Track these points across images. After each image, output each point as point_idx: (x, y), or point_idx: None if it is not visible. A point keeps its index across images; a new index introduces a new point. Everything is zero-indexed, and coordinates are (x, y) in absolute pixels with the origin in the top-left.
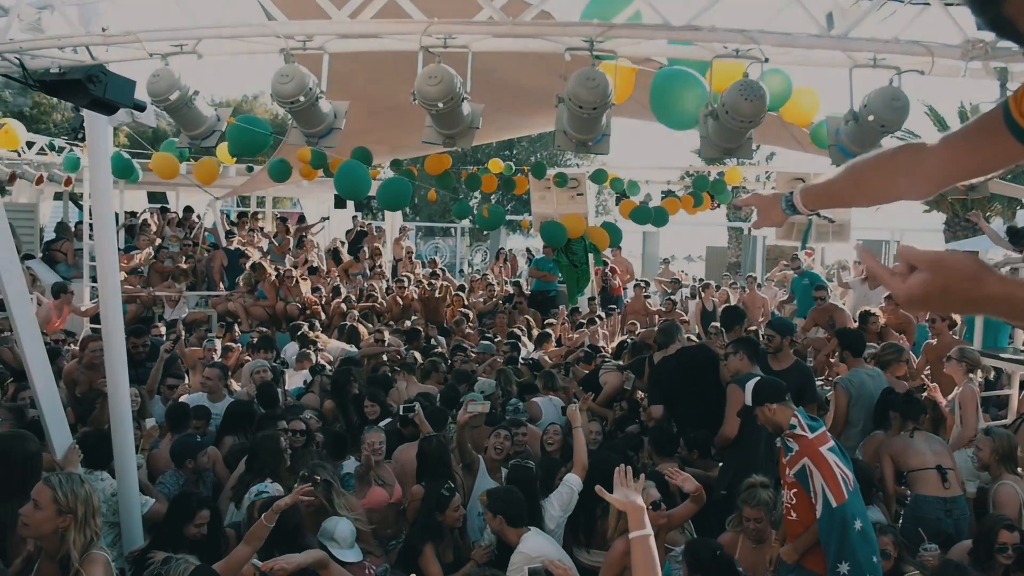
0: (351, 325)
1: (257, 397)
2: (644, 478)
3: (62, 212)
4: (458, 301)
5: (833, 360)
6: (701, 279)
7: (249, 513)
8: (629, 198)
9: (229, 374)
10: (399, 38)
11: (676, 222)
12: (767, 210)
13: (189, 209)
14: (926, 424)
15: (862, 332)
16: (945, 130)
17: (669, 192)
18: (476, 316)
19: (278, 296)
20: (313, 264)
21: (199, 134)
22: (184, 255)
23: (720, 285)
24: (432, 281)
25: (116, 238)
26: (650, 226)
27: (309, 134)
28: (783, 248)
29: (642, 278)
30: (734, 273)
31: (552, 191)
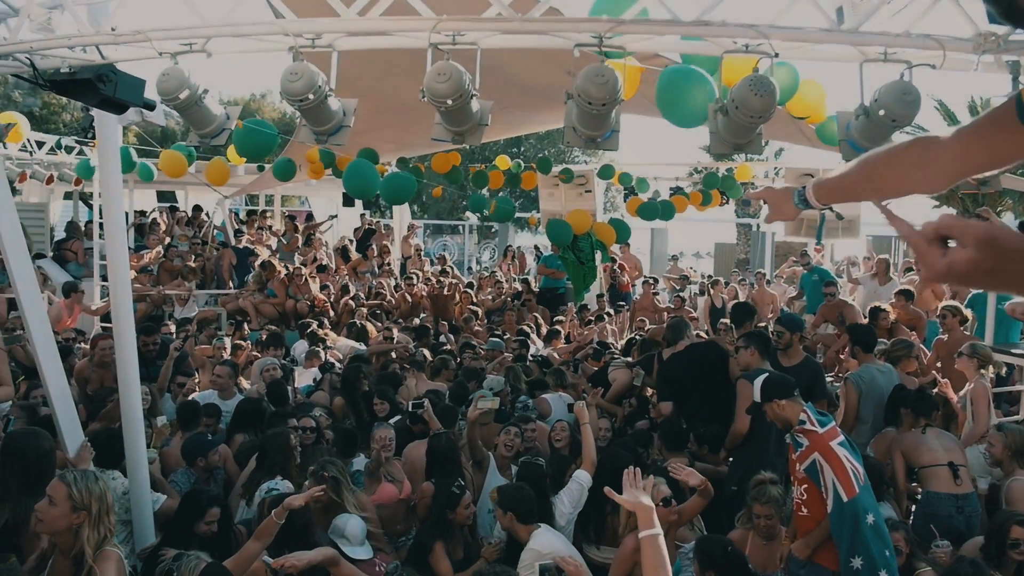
0: (360, 324)
1: (267, 395)
2: (653, 479)
3: (72, 211)
4: (467, 298)
5: (843, 356)
6: (710, 276)
7: (260, 510)
8: (638, 194)
9: (239, 372)
10: (408, 35)
11: (684, 219)
12: (779, 205)
13: (198, 208)
14: (938, 420)
15: (873, 328)
16: (955, 124)
17: (677, 189)
18: (485, 313)
19: (287, 294)
20: (323, 262)
21: (209, 132)
22: (193, 254)
23: (729, 282)
24: (441, 279)
25: (126, 237)
26: (658, 223)
27: (318, 132)
28: (792, 244)
29: (651, 275)
30: (743, 269)
31: (560, 188)
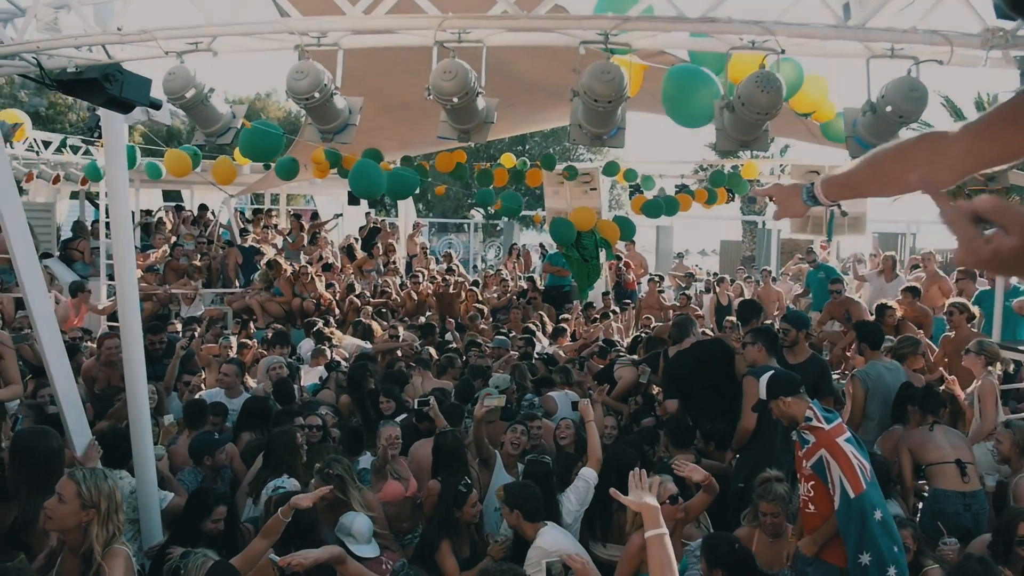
0: (365, 323)
1: (273, 393)
2: (659, 478)
3: (79, 211)
4: (472, 296)
5: (849, 353)
6: (715, 273)
7: (266, 508)
8: (643, 192)
9: (246, 370)
10: (413, 33)
11: (690, 216)
12: (787, 201)
13: (204, 207)
14: (945, 418)
15: (880, 325)
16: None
17: (683, 187)
18: (490, 311)
19: (294, 292)
20: (328, 261)
21: (215, 131)
22: (199, 253)
23: (735, 279)
24: (447, 277)
25: (133, 236)
26: (663, 221)
27: (324, 130)
28: (798, 242)
29: (656, 273)
30: (749, 267)
31: (565, 186)
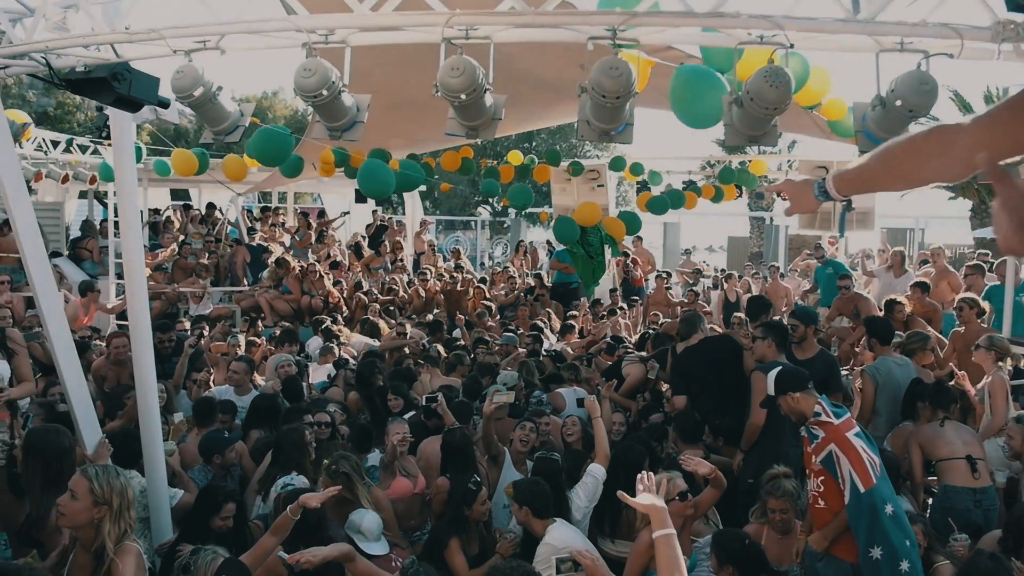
0: (372, 320)
1: (282, 391)
2: (667, 475)
3: (87, 210)
4: (479, 294)
5: (858, 349)
6: (723, 269)
7: (275, 505)
8: (650, 187)
9: (254, 368)
10: (421, 30)
11: (697, 212)
12: (799, 197)
13: (212, 206)
14: (956, 413)
15: (890, 320)
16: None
17: (690, 183)
18: (498, 309)
19: (302, 290)
20: (336, 259)
21: (223, 129)
22: (207, 251)
23: (743, 275)
24: (455, 274)
25: (142, 235)
26: (671, 217)
27: (332, 128)
28: (806, 237)
29: (664, 269)
30: (756, 263)
31: (573, 183)
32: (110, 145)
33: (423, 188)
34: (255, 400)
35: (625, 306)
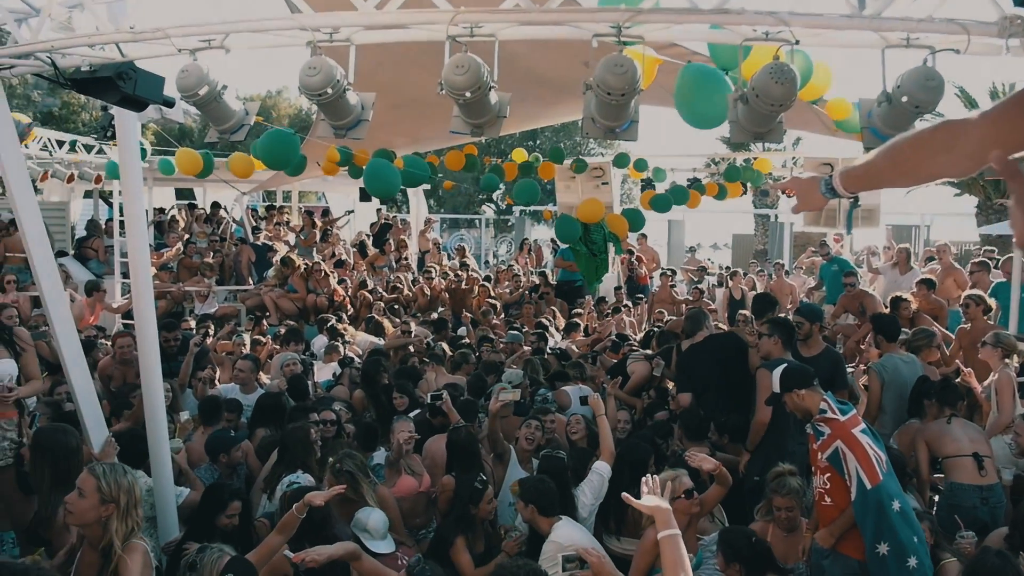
0: (377, 319)
1: (288, 390)
2: (674, 475)
3: (92, 210)
4: (484, 292)
5: (864, 346)
6: (728, 267)
7: (281, 503)
8: (654, 184)
9: (260, 367)
10: (425, 28)
11: (702, 210)
12: (806, 194)
13: (216, 205)
14: (962, 411)
15: (896, 317)
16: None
17: (695, 180)
18: (502, 307)
19: (308, 288)
20: (341, 257)
21: (228, 128)
22: (212, 250)
23: (747, 273)
24: (460, 272)
25: (147, 235)
26: (675, 215)
27: (337, 126)
28: (811, 235)
29: (668, 267)
30: (761, 260)
31: (577, 181)
32: (115, 145)
33: (427, 186)
34: (260, 399)
35: (630, 304)
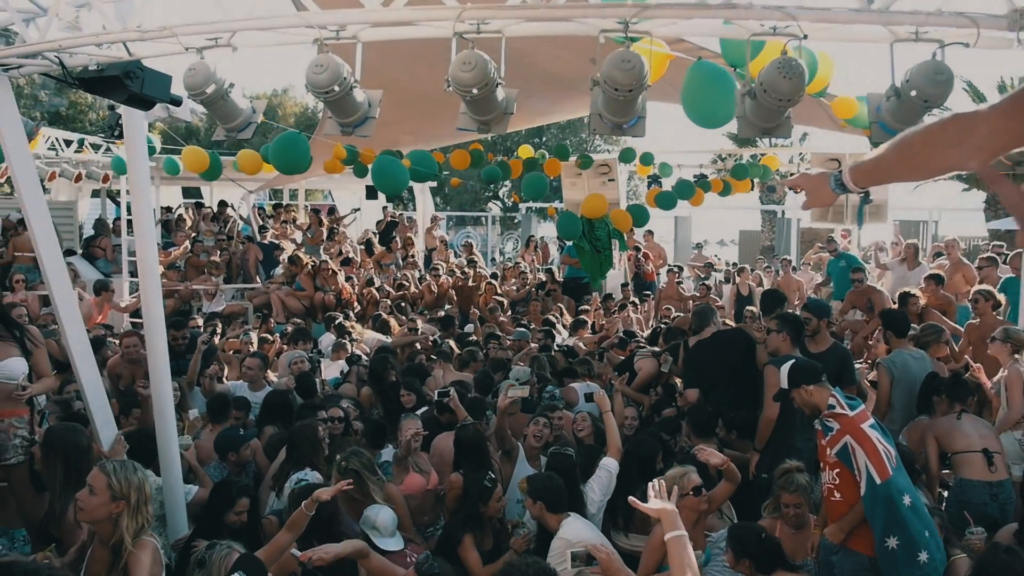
0: (383, 319)
1: (296, 387)
2: (683, 471)
3: (100, 209)
4: (491, 289)
5: (871, 342)
6: (735, 263)
7: (290, 501)
8: (660, 179)
9: (268, 365)
10: (432, 25)
11: (708, 206)
12: (816, 190)
13: (223, 203)
14: (972, 406)
15: (905, 313)
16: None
17: (701, 177)
18: (509, 304)
19: (315, 286)
20: (348, 255)
21: (235, 126)
22: (219, 249)
23: (754, 269)
24: (467, 269)
25: (155, 234)
26: (682, 211)
27: (344, 124)
28: (818, 231)
29: (675, 263)
30: (768, 257)
31: (584, 178)
32: (122, 144)
33: (433, 184)
34: (268, 396)
35: (637, 301)
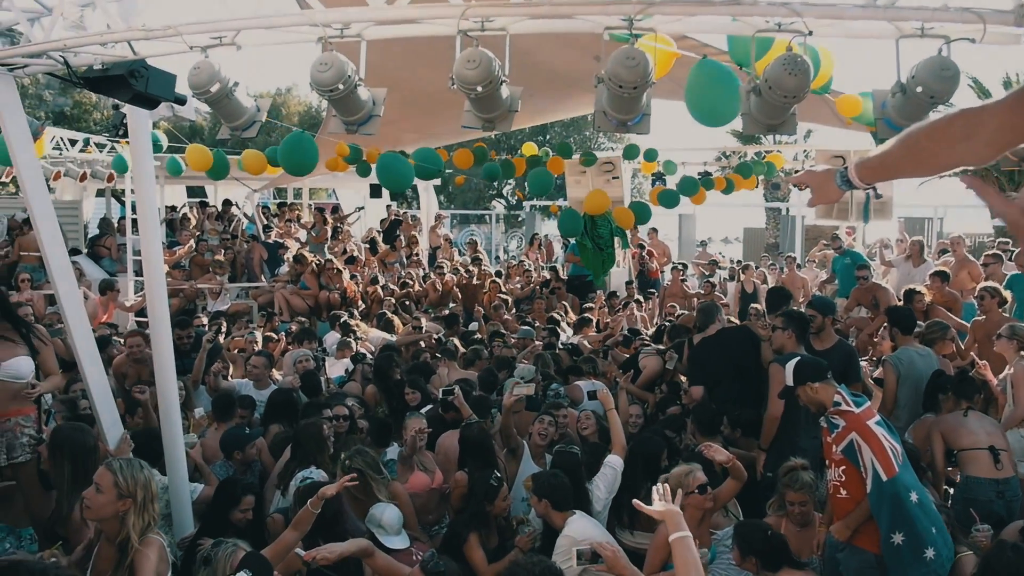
0: (387, 317)
1: (301, 386)
2: (688, 469)
3: (105, 208)
4: (495, 287)
5: (877, 339)
6: (739, 261)
7: (295, 498)
8: (664, 176)
9: (273, 363)
10: (436, 23)
11: (712, 204)
12: (822, 187)
13: (228, 202)
14: (978, 404)
15: (912, 310)
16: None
17: (705, 174)
18: (513, 302)
19: (320, 284)
20: (353, 254)
21: (240, 125)
22: (224, 247)
23: (759, 266)
24: (471, 268)
25: (160, 233)
26: (686, 209)
27: (348, 122)
28: (822, 228)
29: (679, 261)
30: (773, 254)
31: (587, 175)
32: (127, 143)
33: (437, 182)
34: (272, 395)
35: (641, 298)
